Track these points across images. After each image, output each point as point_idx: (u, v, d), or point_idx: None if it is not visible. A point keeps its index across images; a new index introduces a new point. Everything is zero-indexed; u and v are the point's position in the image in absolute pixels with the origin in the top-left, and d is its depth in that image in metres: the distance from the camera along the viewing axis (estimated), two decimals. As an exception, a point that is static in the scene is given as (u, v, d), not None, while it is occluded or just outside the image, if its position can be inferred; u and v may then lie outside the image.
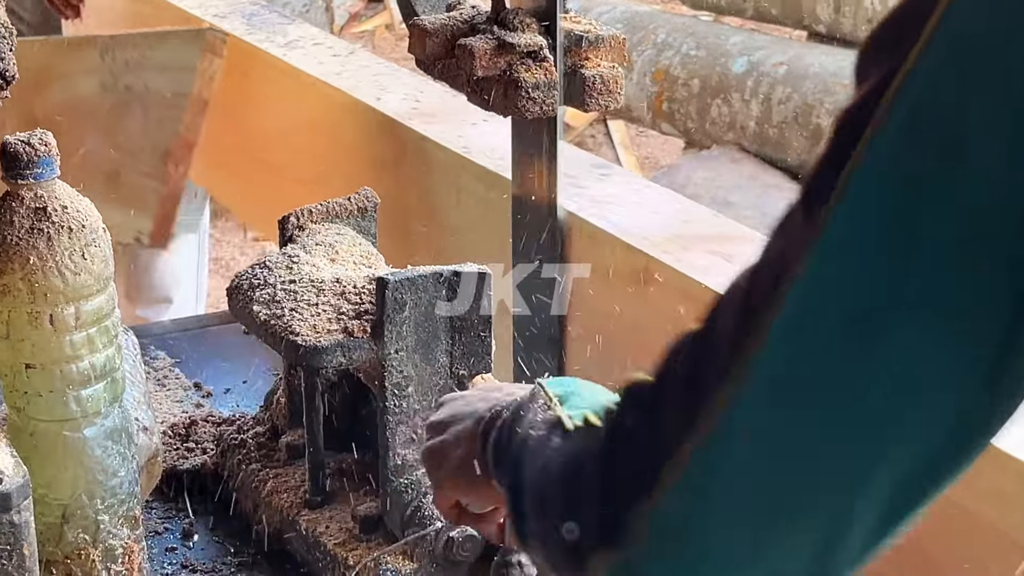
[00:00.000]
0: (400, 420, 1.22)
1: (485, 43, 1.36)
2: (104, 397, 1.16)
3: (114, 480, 1.18)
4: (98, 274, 1.14)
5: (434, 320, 1.20)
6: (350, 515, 1.27)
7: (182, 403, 1.61)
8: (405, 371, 1.21)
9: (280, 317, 1.22)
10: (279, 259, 1.30)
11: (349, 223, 1.37)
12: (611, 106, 1.39)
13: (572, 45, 1.39)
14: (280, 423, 1.40)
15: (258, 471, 1.36)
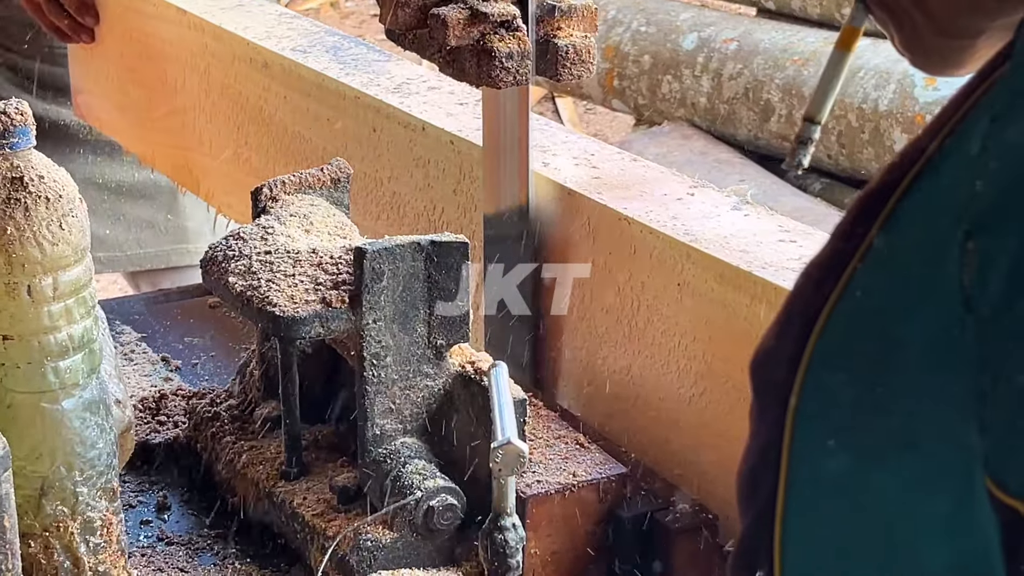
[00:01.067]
0: (378, 390, 1.22)
1: (458, 13, 1.36)
2: (82, 368, 1.16)
3: (92, 452, 1.18)
4: (75, 244, 1.14)
5: (412, 290, 1.21)
6: (328, 486, 1.27)
7: (150, 377, 1.60)
8: (383, 341, 1.21)
9: (257, 288, 1.22)
10: (253, 230, 1.29)
11: (322, 194, 1.36)
12: (584, 76, 1.39)
13: (544, 15, 1.39)
14: (253, 396, 1.40)
15: (233, 443, 1.36)
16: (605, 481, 1.22)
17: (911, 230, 0.64)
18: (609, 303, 1.38)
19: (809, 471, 0.65)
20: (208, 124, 1.99)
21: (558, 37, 1.38)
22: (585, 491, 1.21)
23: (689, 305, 1.28)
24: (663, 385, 1.31)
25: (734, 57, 4.12)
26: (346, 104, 1.71)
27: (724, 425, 1.23)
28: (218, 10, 2.00)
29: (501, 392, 1.15)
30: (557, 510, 1.21)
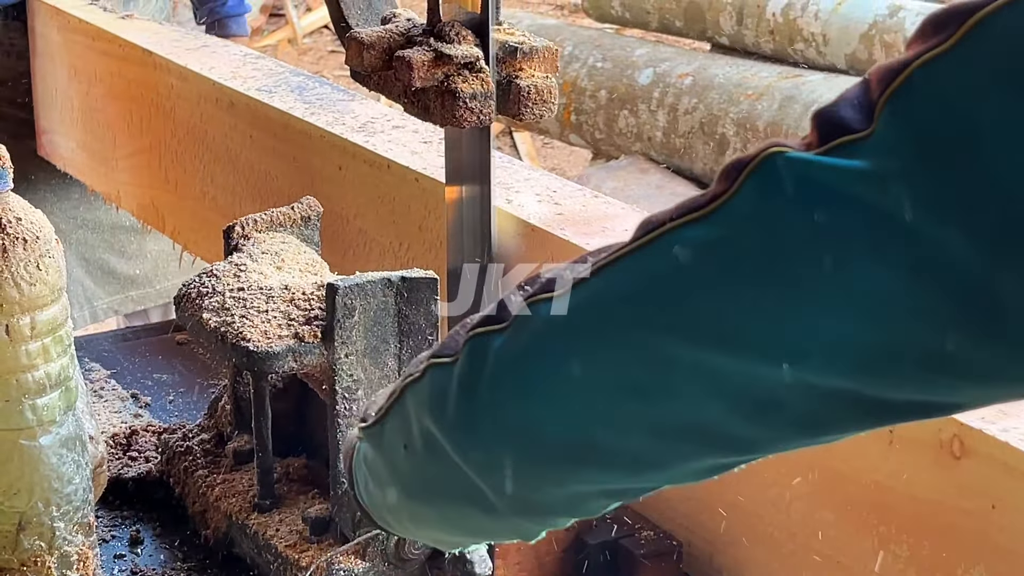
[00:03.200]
0: (350, 423, 1.25)
1: (422, 55, 1.39)
2: (59, 406, 1.18)
3: (69, 487, 1.20)
4: (52, 284, 1.16)
5: (383, 325, 1.24)
6: (300, 517, 1.30)
7: (120, 413, 1.62)
8: (355, 375, 1.24)
9: (230, 324, 1.25)
10: (226, 268, 1.32)
11: (293, 232, 1.39)
12: (546, 115, 1.43)
13: (507, 56, 1.42)
14: (225, 430, 1.42)
15: (205, 477, 1.38)
16: (572, 509, 1.25)
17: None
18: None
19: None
20: (174, 163, 2.01)
21: (520, 77, 1.42)
22: (553, 519, 1.24)
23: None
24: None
25: (689, 92, 4.18)
26: (312, 143, 1.74)
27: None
28: (184, 51, 2.03)
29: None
30: (525, 538, 1.24)
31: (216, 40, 2.19)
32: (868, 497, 1.12)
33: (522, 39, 1.44)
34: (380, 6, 1.55)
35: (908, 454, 1.07)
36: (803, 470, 1.17)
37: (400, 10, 1.52)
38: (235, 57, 2.02)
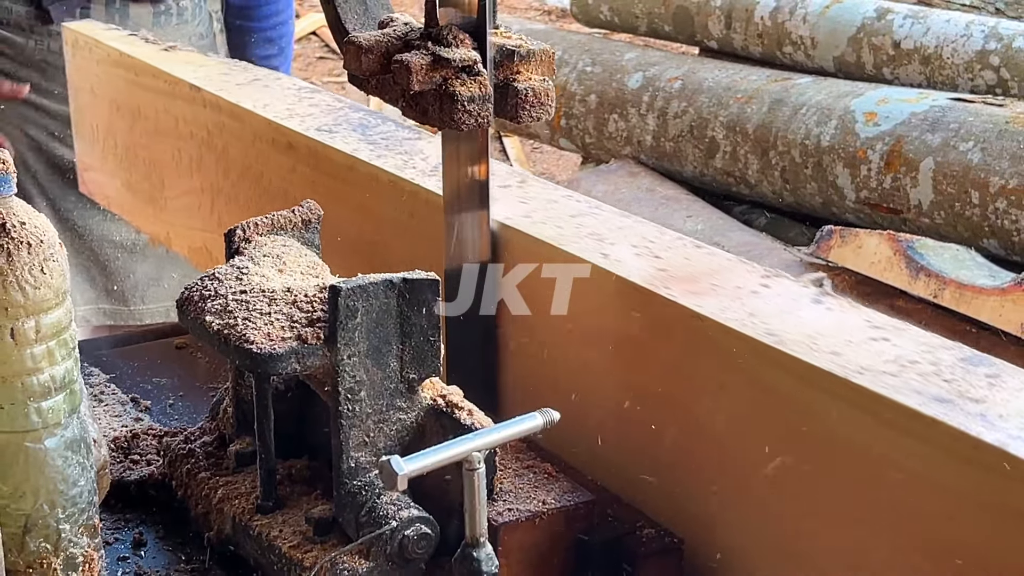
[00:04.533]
0: (353, 424, 1.26)
1: (421, 58, 1.40)
2: (64, 408, 1.19)
3: (74, 490, 1.21)
4: (56, 288, 1.17)
5: (385, 326, 1.24)
6: (303, 518, 1.30)
7: (120, 417, 1.63)
8: (358, 376, 1.25)
9: (233, 326, 1.26)
10: (228, 271, 1.33)
11: (293, 235, 1.40)
12: (543, 118, 1.44)
13: (504, 59, 1.44)
14: (227, 432, 1.43)
15: (208, 479, 1.39)
16: (574, 508, 1.26)
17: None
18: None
19: None
20: (228, 205, 1.88)
21: (517, 80, 1.43)
22: (555, 518, 1.25)
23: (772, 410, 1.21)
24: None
25: (679, 96, 4.19)
26: (380, 187, 1.62)
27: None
28: (234, 86, 1.91)
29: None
30: (528, 537, 1.25)
31: (267, 73, 2.04)
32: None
33: (519, 42, 1.45)
34: (377, 10, 1.56)
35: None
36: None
37: (397, 14, 1.53)
38: (289, 92, 1.90)
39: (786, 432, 1.19)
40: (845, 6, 4.05)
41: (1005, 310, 2.92)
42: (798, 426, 1.17)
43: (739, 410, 1.23)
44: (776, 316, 1.24)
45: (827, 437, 1.15)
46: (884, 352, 1.18)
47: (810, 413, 1.16)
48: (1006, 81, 3.65)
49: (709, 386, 1.26)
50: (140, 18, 2.32)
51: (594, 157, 4.55)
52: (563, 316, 1.40)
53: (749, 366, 1.21)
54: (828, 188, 3.73)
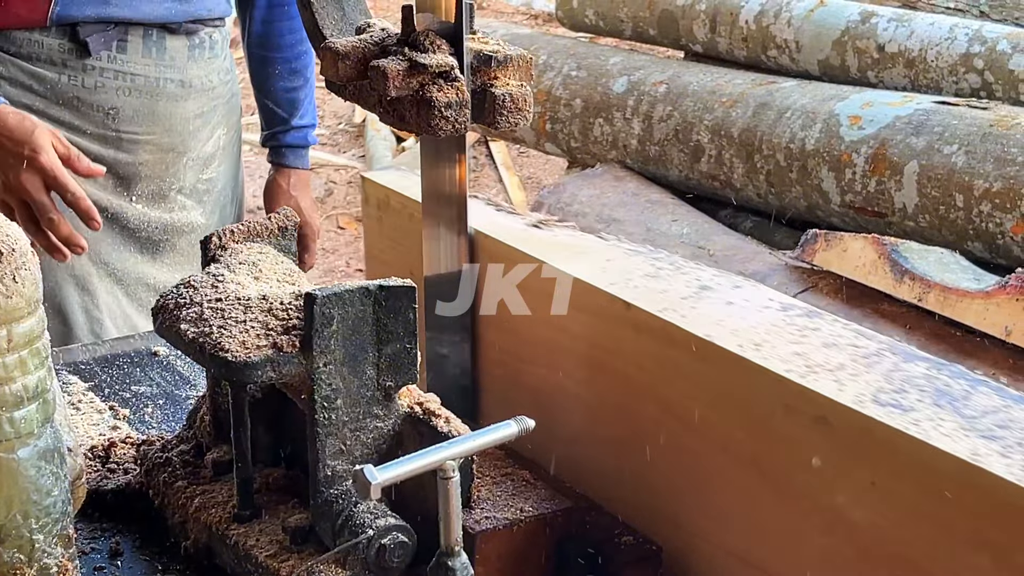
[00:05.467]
0: (329, 432, 1.25)
1: (397, 64, 1.40)
2: (36, 418, 1.18)
3: (48, 500, 1.20)
4: (28, 297, 1.16)
5: (361, 334, 1.24)
6: (280, 527, 1.30)
7: (98, 426, 1.62)
8: (334, 384, 1.24)
9: (209, 335, 1.25)
10: (204, 279, 1.32)
11: (270, 242, 1.40)
12: (521, 123, 1.43)
13: (481, 65, 1.43)
14: (204, 440, 1.42)
15: (185, 488, 1.38)
16: (552, 515, 1.26)
17: None
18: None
19: None
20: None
21: (495, 86, 1.42)
22: (533, 526, 1.25)
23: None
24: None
25: (664, 99, 4.19)
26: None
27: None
28: (678, 300, 1.36)
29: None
30: (506, 545, 1.24)
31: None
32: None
33: (496, 48, 1.44)
34: (355, 16, 1.56)
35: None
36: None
37: (375, 20, 1.53)
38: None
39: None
40: (829, 9, 4.05)
41: (989, 313, 2.92)
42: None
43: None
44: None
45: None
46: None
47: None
48: (990, 84, 3.66)
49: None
50: (176, 51, 2.22)
51: (580, 161, 4.55)
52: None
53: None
54: (813, 192, 3.73)
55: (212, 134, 2.35)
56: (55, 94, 2.18)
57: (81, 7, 2.14)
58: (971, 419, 1.10)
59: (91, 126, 2.21)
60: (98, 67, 2.17)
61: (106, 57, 2.17)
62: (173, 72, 2.23)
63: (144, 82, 2.21)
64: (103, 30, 2.16)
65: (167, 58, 2.22)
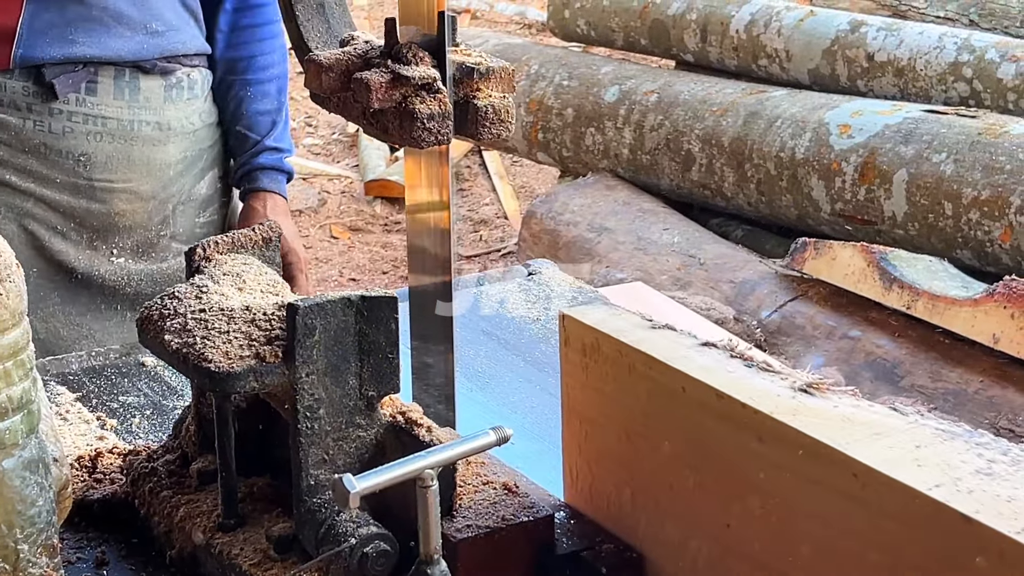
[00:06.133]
0: (312, 442, 1.26)
1: (380, 76, 1.41)
2: (21, 429, 1.19)
3: (33, 510, 1.20)
4: (13, 308, 1.17)
5: (343, 344, 1.25)
6: (264, 536, 1.31)
7: (85, 436, 1.62)
8: (316, 394, 1.25)
9: (192, 345, 1.26)
10: (188, 290, 1.33)
11: (254, 253, 1.41)
12: (503, 135, 1.44)
13: (464, 77, 1.44)
14: (190, 450, 1.43)
15: (170, 497, 1.39)
16: (533, 523, 1.27)
17: None
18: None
19: None
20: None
21: (477, 98, 1.44)
22: (513, 534, 1.26)
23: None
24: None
25: (655, 109, 4.21)
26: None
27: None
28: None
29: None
30: (487, 553, 1.25)
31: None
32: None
33: (479, 60, 1.45)
34: (340, 29, 1.57)
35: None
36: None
37: (359, 32, 1.54)
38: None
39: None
40: (819, 19, 4.07)
41: (977, 321, 2.93)
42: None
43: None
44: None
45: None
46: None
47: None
48: (979, 93, 3.67)
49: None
50: (151, 92, 2.10)
51: (572, 170, 4.57)
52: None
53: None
54: (803, 200, 3.75)
55: (202, 177, 2.22)
56: (20, 141, 2.05)
57: (45, 47, 2.01)
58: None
59: (60, 175, 2.08)
60: (66, 111, 2.04)
61: (74, 100, 2.04)
62: (148, 114, 2.11)
63: (117, 126, 2.08)
64: (70, 71, 2.03)
65: (141, 99, 2.09)
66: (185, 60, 2.16)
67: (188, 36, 2.15)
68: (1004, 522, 0.95)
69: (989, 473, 1.02)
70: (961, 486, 1.00)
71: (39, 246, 2.10)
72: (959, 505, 0.97)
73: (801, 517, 1.11)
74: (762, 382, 1.18)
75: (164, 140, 2.13)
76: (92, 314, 2.14)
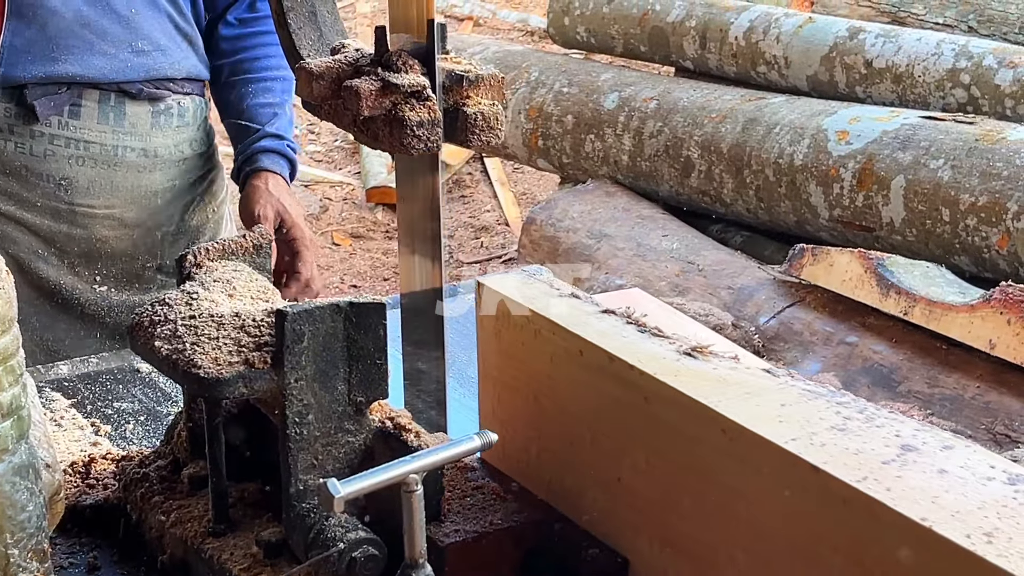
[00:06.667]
0: (301, 447, 1.27)
1: (370, 84, 1.42)
2: (11, 434, 1.20)
3: (23, 515, 1.21)
4: (2, 315, 1.18)
5: (332, 350, 1.26)
6: (254, 541, 1.31)
7: (79, 442, 1.63)
8: (305, 400, 1.26)
9: (182, 351, 1.27)
10: (178, 296, 1.34)
11: (245, 260, 1.42)
12: (493, 142, 1.45)
13: (453, 84, 1.45)
14: (181, 456, 1.44)
15: (161, 503, 1.40)
16: (520, 528, 1.28)
17: None
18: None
19: None
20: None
21: (467, 105, 1.45)
22: (501, 538, 1.26)
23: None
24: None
25: (654, 115, 4.22)
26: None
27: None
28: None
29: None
30: (475, 557, 1.26)
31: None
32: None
33: (468, 67, 1.47)
34: (331, 37, 1.58)
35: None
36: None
37: (350, 40, 1.55)
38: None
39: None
40: (818, 26, 4.08)
41: (974, 327, 2.93)
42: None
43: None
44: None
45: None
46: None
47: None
48: (976, 99, 3.68)
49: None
50: (137, 118, 2.07)
51: (571, 177, 4.58)
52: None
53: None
54: (802, 206, 3.75)
55: (193, 208, 2.19)
56: (0, 163, 2.02)
57: (27, 66, 1.99)
58: None
59: (40, 198, 2.06)
60: (48, 133, 2.02)
61: (57, 123, 2.02)
62: (134, 140, 2.08)
63: (100, 150, 2.05)
64: (53, 92, 2.01)
65: (127, 125, 2.07)
66: (175, 85, 2.13)
67: (178, 59, 2.12)
68: (848, 472, 1.04)
69: (843, 429, 1.11)
70: (815, 440, 1.09)
71: (18, 268, 2.07)
72: (810, 457, 1.06)
73: (681, 471, 1.20)
74: (651, 346, 1.28)
75: (150, 167, 2.10)
76: (71, 340, 2.11)
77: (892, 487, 1.02)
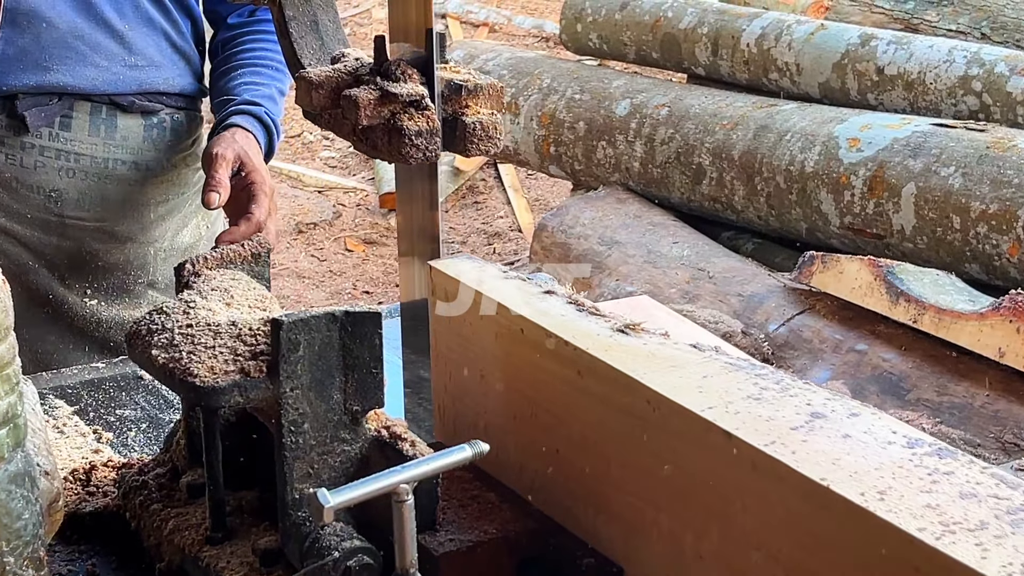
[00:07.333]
0: (297, 456, 1.27)
1: (369, 93, 1.43)
2: (6, 443, 1.20)
3: (19, 523, 1.22)
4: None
5: (328, 359, 1.26)
6: (250, 549, 1.32)
7: (81, 449, 1.64)
8: (301, 408, 1.26)
9: (179, 360, 1.27)
10: (176, 305, 1.35)
11: (243, 268, 1.42)
12: (491, 151, 1.46)
13: (452, 94, 1.46)
14: (180, 464, 1.44)
15: (160, 511, 1.40)
16: (515, 537, 1.28)
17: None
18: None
19: None
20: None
21: (466, 114, 1.45)
22: (495, 547, 1.26)
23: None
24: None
25: (666, 122, 4.22)
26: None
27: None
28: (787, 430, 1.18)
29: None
30: (469, 566, 1.26)
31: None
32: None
33: (467, 77, 1.47)
34: (333, 46, 1.59)
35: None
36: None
37: (350, 50, 1.55)
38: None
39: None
40: (830, 32, 4.07)
41: (983, 335, 2.93)
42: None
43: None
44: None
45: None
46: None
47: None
48: (988, 106, 3.67)
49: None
50: (129, 131, 2.05)
51: (583, 183, 4.58)
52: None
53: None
54: (813, 214, 3.75)
55: (186, 224, 2.17)
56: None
57: (18, 75, 1.98)
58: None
59: (30, 210, 2.04)
60: (38, 145, 2.00)
61: (47, 134, 2.01)
62: (124, 153, 2.06)
63: (91, 163, 2.03)
64: (44, 103, 2.00)
65: (118, 138, 2.05)
66: (168, 100, 2.11)
67: (173, 75, 2.10)
68: (758, 437, 1.10)
69: (758, 398, 1.18)
70: (731, 408, 1.16)
71: (10, 280, 2.02)
72: (724, 423, 1.13)
73: (611, 441, 1.26)
74: (587, 324, 1.34)
75: (141, 181, 2.08)
76: (59, 353, 2.09)
77: (797, 451, 1.09)
